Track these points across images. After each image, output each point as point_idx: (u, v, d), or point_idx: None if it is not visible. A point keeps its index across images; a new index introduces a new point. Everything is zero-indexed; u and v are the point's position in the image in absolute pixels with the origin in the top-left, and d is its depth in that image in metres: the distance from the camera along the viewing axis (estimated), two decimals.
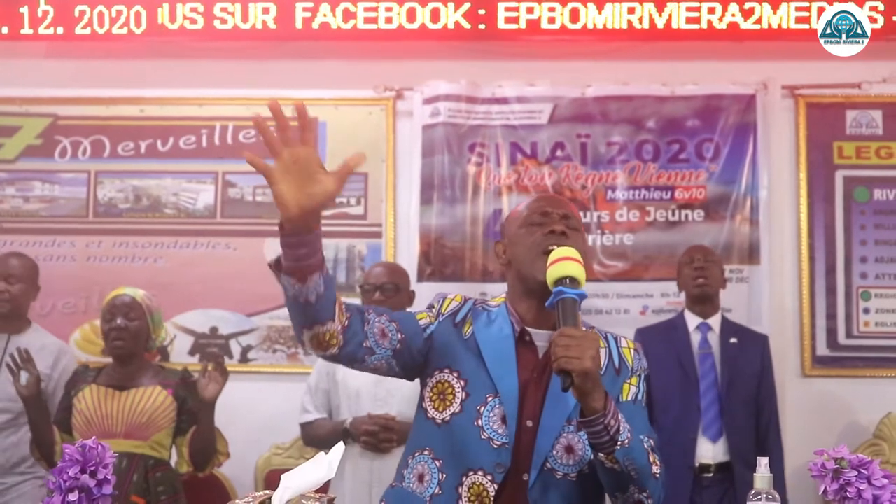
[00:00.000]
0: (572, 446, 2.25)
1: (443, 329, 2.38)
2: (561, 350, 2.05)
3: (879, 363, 4.89)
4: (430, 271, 4.93)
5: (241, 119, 5.12)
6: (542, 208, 2.41)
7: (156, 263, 5.08)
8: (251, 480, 4.72)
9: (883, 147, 4.99)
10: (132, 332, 3.87)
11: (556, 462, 2.25)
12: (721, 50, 4.99)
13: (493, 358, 2.31)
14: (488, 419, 2.26)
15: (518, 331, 2.35)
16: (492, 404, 2.27)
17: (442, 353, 2.35)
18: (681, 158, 4.98)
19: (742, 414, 4.20)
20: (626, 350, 2.41)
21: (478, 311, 2.41)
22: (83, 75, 5.15)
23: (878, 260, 4.94)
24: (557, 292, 2.16)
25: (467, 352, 2.34)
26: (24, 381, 3.76)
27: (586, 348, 2.05)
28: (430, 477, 2.30)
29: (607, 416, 2.08)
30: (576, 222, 2.41)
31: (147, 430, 3.79)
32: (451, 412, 2.30)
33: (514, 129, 5.01)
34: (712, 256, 4.41)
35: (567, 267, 2.18)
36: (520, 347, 2.34)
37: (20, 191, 5.17)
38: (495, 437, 2.25)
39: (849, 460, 1.93)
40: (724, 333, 4.32)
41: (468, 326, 2.38)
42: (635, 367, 2.39)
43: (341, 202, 5.05)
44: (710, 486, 4.17)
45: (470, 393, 2.29)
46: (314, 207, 2.03)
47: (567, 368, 2.04)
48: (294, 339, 4.97)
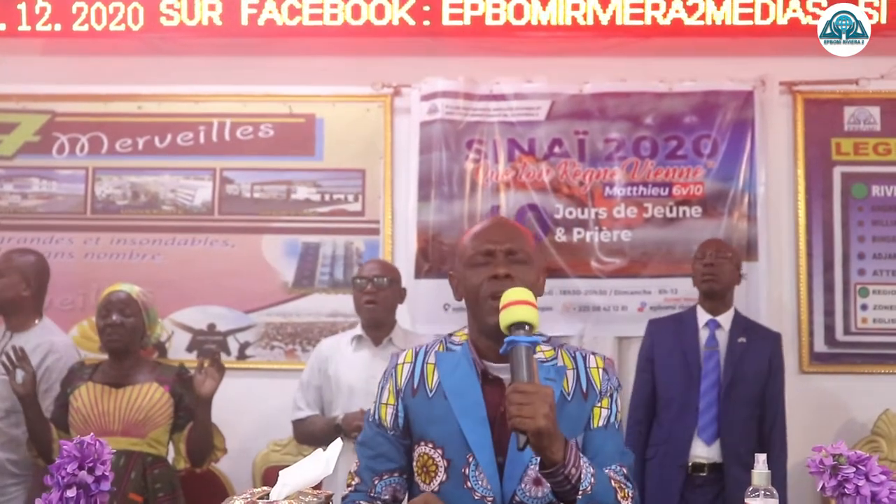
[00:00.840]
0: (540, 479, 2.20)
1: (406, 405, 2.35)
2: (514, 409, 2.01)
3: (877, 360, 4.89)
4: (427, 268, 4.93)
5: (238, 116, 5.13)
6: (484, 247, 2.31)
7: (153, 260, 5.08)
8: (249, 477, 4.73)
9: (881, 143, 4.99)
10: (128, 329, 3.86)
11: (525, 495, 2.23)
12: (719, 46, 4.99)
13: (463, 409, 2.27)
14: (476, 479, 2.24)
15: (481, 371, 2.30)
16: (473, 464, 2.24)
17: (414, 426, 2.33)
18: (678, 155, 4.98)
19: (741, 415, 4.18)
20: (595, 370, 2.34)
21: (440, 355, 2.37)
22: (81, 72, 5.14)
23: (875, 256, 4.94)
24: (510, 342, 2.10)
25: (436, 410, 2.30)
26: (19, 378, 3.76)
27: (538, 406, 2.01)
28: None
29: (567, 467, 2.06)
30: (523, 255, 2.31)
31: (144, 427, 3.79)
32: (438, 482, 2.28)
33: (512, 125, 5.01)
34: (724, 252, 4.36)
35: (517, 312, 2.12)
36: (486, 387, 2.29)
37: (18, 187, 5.17)
38: (487, 493, 2.23)
39: (847, 457, 1.93)
40: (733, 331, 4.28)
41: (431, 378, 2.34)
42: (604, 389, 2.33)
43: (339, 199, 5.05)
44: (702, 486, 4.16)
45: (451, 459, 2.27)
46: None
47: (520, 429, 2.01)
48: (292, 336, 4.98)
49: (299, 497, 1.88)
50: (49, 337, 4.21)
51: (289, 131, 5.12)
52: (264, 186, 5.11)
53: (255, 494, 1.90)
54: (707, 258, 4.32)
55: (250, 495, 1.89)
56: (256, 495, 1.89)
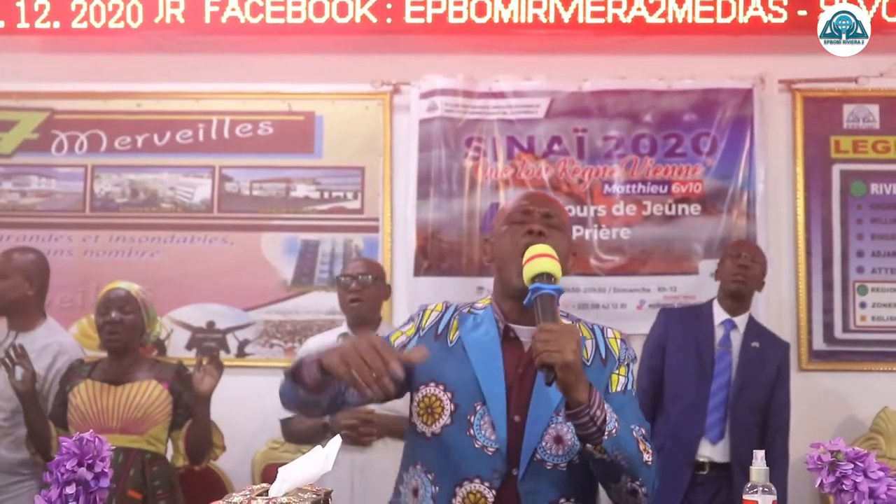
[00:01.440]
0: (561, 437, 2.26)
1: (425, 344, 2.37)
2: (541, 345, 2.06)
3: (876, 357, 4.90)
4: (426, 266, 4.94)
5: (237, 113, 5.13)
6: (525, 206, 2.41)
7: (153, 258, 5.08)
8: (248, 474, 4.73)
9: (880, 141, 5.00)
10: (127, 326, 3.86)
11: (546, 453, 2.25)
12: (718, 44, 4.99)
13: (481, 362, 2.32)
14: (480, 427, 2.27)
15: (503, 329, 2.36)
16: (481, 412, 2.28)
17: (425, 368, 2.34)
18: (677, 153, 4.98)
19: (748, 420, 4.17)
20: (613, 340, 2.42)
21: (464, 315, 2.42)
22: (80, 70, 5.14)
23: (874, 254, 4.95)
24: (534, 289, 2.16)
25: (453, 359, 2.34)
26: (19, 376, 3.76)
27: (566, 341, 2.05)
28: (424, 491, 2.32)
29: (592, 408, 2.09)
30: (558, 221, 2.40)
31: (143, 424, 3.79)
32: (441, 424, 2.31)
33: (511, 123, 5.01)
34: (759, 257, 4.35)
35: (542, 264, 2.19)
36: (505, 345, 2.35)
37: (17, 185, 5.17)
38: (489, 444, 2.26)
39: (845, 453, 1.93)
40: (747, 335, 4.27)
41: (454, 332, 2.39)
42: (622, 357, 2.40)
43: (338, 196, 5.05)
44: (703, 484, 4.16)
45: (459, 404, 2.30)
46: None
47: (548, 363, 2.05)
48: (291, 334, 4.98)
49: (298, 494, 1.87)
50: (57, 337, 4.19)
51: (288, 129, 5.12)
52: (263, 184, 5.11)
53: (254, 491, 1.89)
54: (742, 259, 4.29)
55: (249, 492, 1.89)
56: (255, 492, 1.89)
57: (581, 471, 2.28)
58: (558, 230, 2.37)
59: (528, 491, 2.24)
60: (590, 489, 2.36)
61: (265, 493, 1.87)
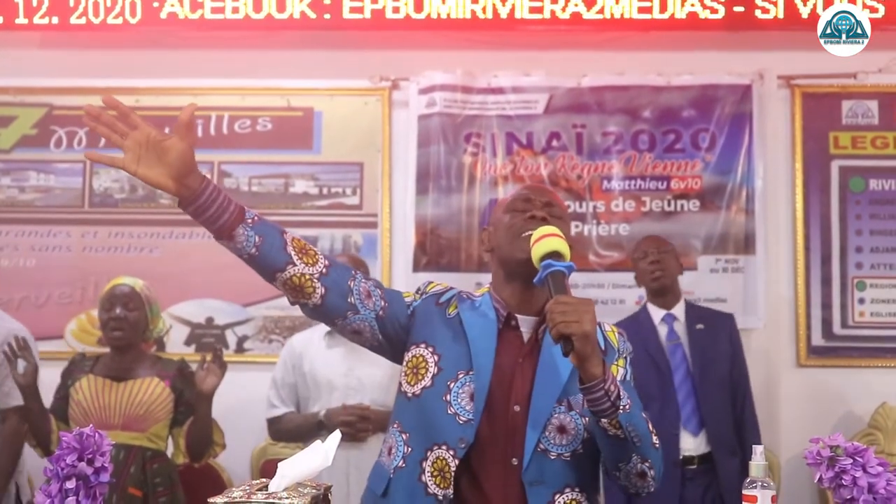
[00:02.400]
0: (564, 426, 2.26)
1: (425, 306, 2.41)
2: (559, 316, 2.06)
3: (874, 353, 4.90)
4: (425, 261, 4.93)
5: (236, 109, 5.12)
6: (526, 196, 2.44)
7: (151, 254, 5.08)
8: (247, 470, 4.73)
9: (879, 137, 5.00)
10: (131, 322, 3.86)
11: (550, 443, 2.26)
12: (717, 40, 4.99)
13: (476, 337, 2.33)
14: (457, 395, 2.28)
15: (504, 315, 2.36)
16: (462, 381, 2.29)
17: (421, 328, 2.37)
18: (676, 148, 4.99)
19: (718, 400, 4.16)
20: (611, 333, 2.43)
21: (462, 298, 2.44)
22: (78, 65, 5.13)
23: (873, 250, 4.95)
24: (546, 265, 2.17)
25: (448, 329, 2.36)
26: (21, 369, 3.74)
27: (584, 312, 2.06)
28: (396, 450, 2.34)
29: (607, 382, 2.10)
30: (559, 211, 2.42)
31: (145, 421, 3.79)
32: (422, 386, 2.32)
33: (510, 119, 5.01)
34: (665, 247, 4.34)
35: (551, 243, 2.20)
36: (505, 332, 2.36)
37: (15, 181, 5.16)
38: (462, 412, 2.27)
39: (844, 448, 1.94)
40: (689, 320, 4.27)
41: (453, 308, 2.40)
42: (621, 349, 2.41)
43: (337, 192, 5.06)
44: (693, 478, 4.12)
45: (442, 368, 2.31)
46: (181, 172, 2.10)
47: (566, 333, 2.05)
48: (290, 330, 4.98)
49: (298, 489, 1.88)
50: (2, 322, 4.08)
51: (287, 125, 5.12)
52: (262, 180, 5.11)
53: (254, 486, 1.90)
54: (651, 255, 4.28)
55: (249, 487, 1.89)
56: (255, 487, 1.89)
57: (585, 461, 2.29)
58: (559, 219, 2.38)
59: (533, 481, 2.25)
60: (593, 480, 2.37)
61: (265, 489, 1.87)
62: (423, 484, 2.27)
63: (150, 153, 2.09)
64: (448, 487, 2.24)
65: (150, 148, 2.09)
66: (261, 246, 2.19)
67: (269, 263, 2.22)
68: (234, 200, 2.18)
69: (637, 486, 2.26)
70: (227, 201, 2.16)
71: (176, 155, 2.08)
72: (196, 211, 2.14)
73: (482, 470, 2.27)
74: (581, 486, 2.30)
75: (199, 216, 2.15)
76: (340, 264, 2.34)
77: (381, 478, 2.37)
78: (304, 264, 2.23)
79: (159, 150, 2.09)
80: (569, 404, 2.27)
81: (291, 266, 2.22)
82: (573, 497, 2.28)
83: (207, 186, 2.13)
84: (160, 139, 2.09)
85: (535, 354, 2.32)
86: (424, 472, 2.27)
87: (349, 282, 2.29)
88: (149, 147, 2.09)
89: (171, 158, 2.08)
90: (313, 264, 2.25)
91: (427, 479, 2.27)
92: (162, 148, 2.09)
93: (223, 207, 2.15)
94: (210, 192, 2.13)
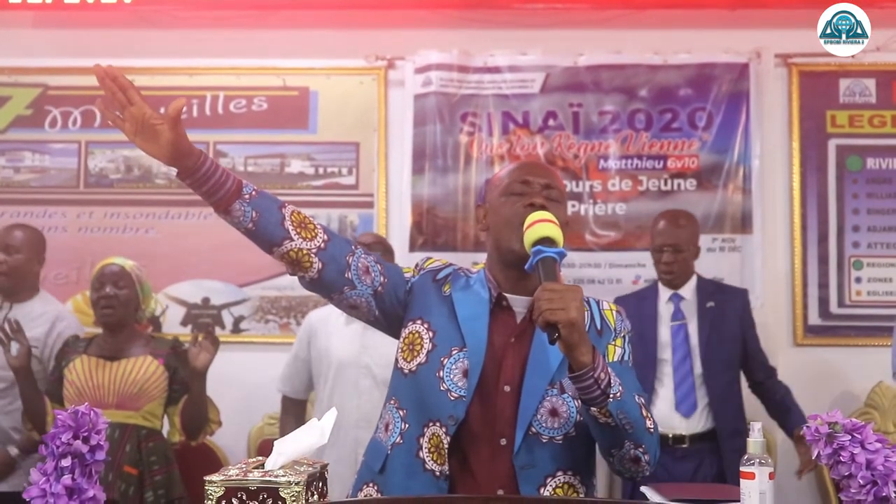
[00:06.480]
0: (556, 409, 2.25)
1: (422, 282, 2.41)
2: (545, 303, 2.05)
3: (871, 332, 4.89)
4: (422, 241, 4.93)
5: (231, 89, 5.11)
6: (523, 177, 2.39)
7: (147, 234, 5.07)
8: (244, 450, 4.74)
9: (876, 116, 4.99)
10: (121, 301, 3.87)
11: (541, 426, 2.25)
12: (714, 18, 4.98)
13: (466, 316, 2.33)
14: (450, 371, 2.28)
15: (495, 295, 2.35)
16: (455, 357, 2.29)
17: (418, 304, 2.38)
18: (673, 127, 4.97)
19: (725, 378, 4.14)
20: (608, 312, 2.41)
21: (458, 276, 2.43)
22: (73, 45, 5.11)
23: (870, 229, 4.95)
24: (536, 251, 2.16)
25: (442, 306, 2.36)
26: (14, 351, 3.76)
27: (570, 300, 2.05)
28: (393, 426, 2.34)
29: (596, 370, 2.08)
30: (557, 193, 2.39)
31: (139, 400, 3.79)
32: (417, 362, 2.32)
33: (506, 98, 5.00)
34: (682, 244, 4.21)
35: (543, 228, 2.19)
36: (497, 312, 2.35)
37: (10, 161, 5.15)
38: (454, 389, 2.26)
39: (842, 424, 1.93)
40: (700, 298, 4.23)
41: (447, 286, 2.40)
42: (618, 329, 2.39)
43: (333, 172, 5.05)
44: (685, 457, 4.10)
45: (437, 344, 2.31)
46: (173, 156, 2.15)
47: (552, 320, 2.03)
48: (286, 310, 4.97)
49: (294, 467, 1.88)
50: (54, 305, 4.26)
51: (282, 104, 5.10)
52: (258, 160, 5.09)
53: (250, 464, 1.90)
54: (665, 257, 4.20)
55: (245, 465, 1.89)
56: (252, 465, 1.89)
57: (578, 444, 2.28)
58: (557, 202, 2.36)
59: (524, 464, 2.24)
60: (587, 463, 2.35)
61: (261, 467, 1.87)
62: (421, 460, 2.27)
63: (146, 129, 2.13)
64: (444, 464, 2.24)
65: (146, 124, 2.13)
66: (257, 221, 2.20)
67: (266, 238, 2.24)
68: (234, 175, 2.21)
69: (631, 471, 2.24)
70: (225, 176, 2.19)
71: (166, 141, 2.13)
72: (194, 184, 2.18)
73: (471, 448, 2.26)
74: (574, 470, 2.29)
75: (197, 188, 2.19)
76: (341, 238, 2.34)
77: (378, 454, 2.36)
78: (301, 239, 2.24)
79: (152, 132, 2.13)
80: (561, 387, 2.26)
81: (288, 241, 2.23)
82: (565, 480, 2.28)
83: (205, 162, 2.17)
84: (153, 122, 2.13)
85: (528, 335, 2.31)
86: (422, 448, 2.27)
87: (347, 257, 2.29)
88: (144, 123, 2.13)
89: (163, 143, 2.13)
90: (311, 239, 2.25)
91: (424, 455, 2.27)
92: (154, 130, 2.13)
93: (220, 182, 2.18)
94: (207, 167, 2.17)
